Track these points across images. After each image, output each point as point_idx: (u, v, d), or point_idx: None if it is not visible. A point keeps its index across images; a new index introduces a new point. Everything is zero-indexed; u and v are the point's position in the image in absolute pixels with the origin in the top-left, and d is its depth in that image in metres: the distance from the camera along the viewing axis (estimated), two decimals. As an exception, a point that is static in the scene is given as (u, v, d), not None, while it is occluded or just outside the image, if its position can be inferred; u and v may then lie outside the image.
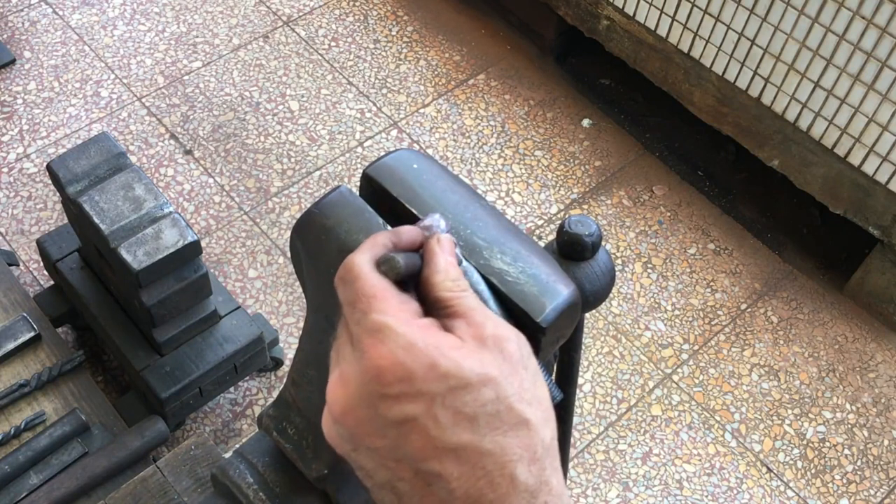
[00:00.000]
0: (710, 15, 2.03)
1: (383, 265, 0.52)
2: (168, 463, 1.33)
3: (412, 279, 0.53)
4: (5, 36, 2.50)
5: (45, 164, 2.25)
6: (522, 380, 0.49)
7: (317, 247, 0.63)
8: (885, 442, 1.96)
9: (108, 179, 1.58)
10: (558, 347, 0.67)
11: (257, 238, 2.16)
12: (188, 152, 2.31)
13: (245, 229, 2.17)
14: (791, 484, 1.89)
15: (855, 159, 1.94)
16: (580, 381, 1.95)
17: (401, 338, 0.47)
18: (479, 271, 0.59)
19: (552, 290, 0.60)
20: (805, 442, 1.95)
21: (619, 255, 2.20)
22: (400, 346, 0.47)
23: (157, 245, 1.52)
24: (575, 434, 1.94)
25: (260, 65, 2.50)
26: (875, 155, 1.90)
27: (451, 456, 0.46)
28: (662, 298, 2.14)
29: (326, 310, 0.63)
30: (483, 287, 0.59)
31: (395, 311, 0.49)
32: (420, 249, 0.55)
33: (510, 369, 0.48)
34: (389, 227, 0.61)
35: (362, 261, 0.51)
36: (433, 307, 0.52)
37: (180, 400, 1.67)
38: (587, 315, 1.49)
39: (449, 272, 0.53)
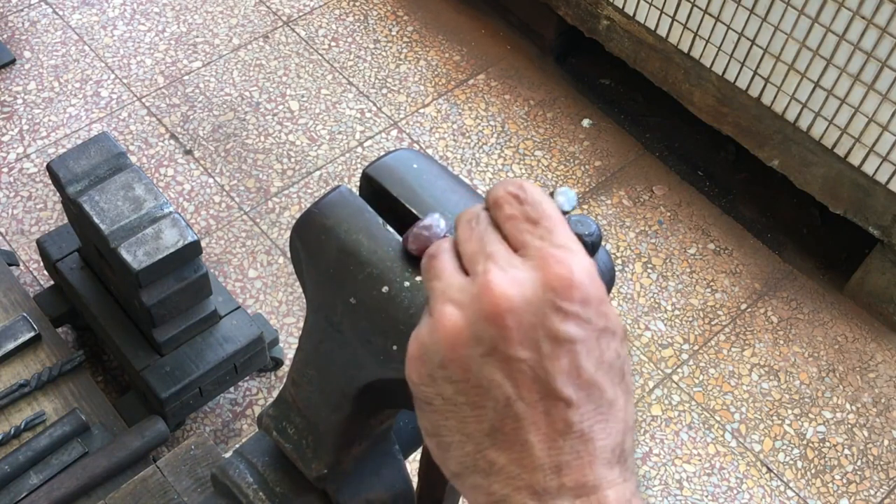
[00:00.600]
0: (710, 15, 2.03)
1: (559, 196, 0.52)
2: (168, 463, 1.33)
3: None
4: (5, 36, 2.50)
5: (45, 164, 2.25)
6: (626, 352, 0.50)
7: (317, 247, 0.63)
8: (885, 442, 1.96)
9: (108, 179, 1.58)
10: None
11: (257, 238, 2.16)
12: (188, 152, 2.31)
13: (245, 229, 2.17)
14: (791, 484, 1.89)
15: (855, 159, 1.94)
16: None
17: (589, 266, 0.47)
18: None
19: (552, 289, 0.59)
20: (805, 442, 1.95)
21: (619, 255, 2.20)
22: (586, 270, 0.47)
23: (157, 245, 1.52)
24: (575, 434, 1.94)
25: (260, 65, 2.50)
26: (875, 155, 1.90)
27: (585, 390, 0.46)
28: (662, 298, 2.14)
29: (326, 310, 0.63)
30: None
31: (576, 241, 0.49)
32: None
33: (622, 338, 0.50)
34: (390, 227, 0.61)
35: (538, 189, 0.51)
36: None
37: (180, 400, 1.67)
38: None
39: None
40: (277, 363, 1.93)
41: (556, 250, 0.47)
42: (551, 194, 0.55)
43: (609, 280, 0.73)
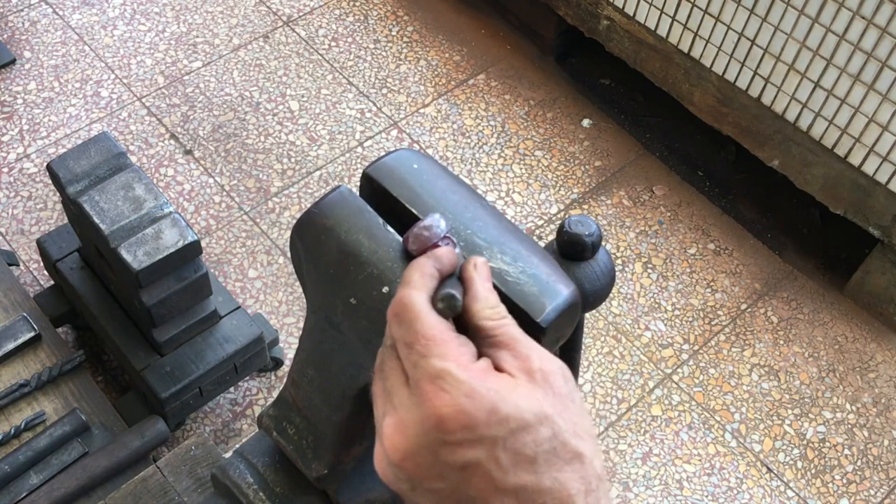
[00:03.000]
0: (711, 15, 2.03)
1: (441, 303, 0.51)
2: (168, 463, 1.33)
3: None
4: (5, 36, 2.50)
5: (45, 164, 2.25)
6: (572, 413, 0.49)
7: (317, 247, 0.63)
8: (885, 442, 1.96)
9: (108, 179, 1.58)
10: (558, 347, 0.67)
11: (257, 238, 2.16)
12: (188, 152, 2.31)
13: (245, 229, 2.17)
14: (791, 484, 1.89)
15: (855, 159, 1.94)
16: (580, 381, 1.95)
17: (463, 385, 0.47)
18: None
19: (552, 290, 0.60)
20: (805, 442, 1.95)
21: (619, 255, 2.20)
22: (462, 394, 0.47)
23: (157, 245, 1.52)
24: (575, 434, 1.94)
25: (260, 65, 2.50)
26: (875, 155, 1.90)
27: (511, 496, 0.47)
28: (662, 298, 2.14)
29: (326, 310, 0.63)
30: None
31: (455, 355, 0.48)
32: (456, 273, 0.55)
33: (561, 404, 0.49)
34: (390, 228, 0.61)
35: (420, 299, 0.50)
36: (474, 335, 0.52)
37: (180, 400, 1.67)
38: (587, 315, 1.49)
39: (489, 299, 0.53)
40: (277, 363, 1.93)
41: (429, 383, 0.47)
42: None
43: (609, 280, 0.73)
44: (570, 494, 0.47)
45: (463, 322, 0.52)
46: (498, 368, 0.50)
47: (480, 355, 0.51)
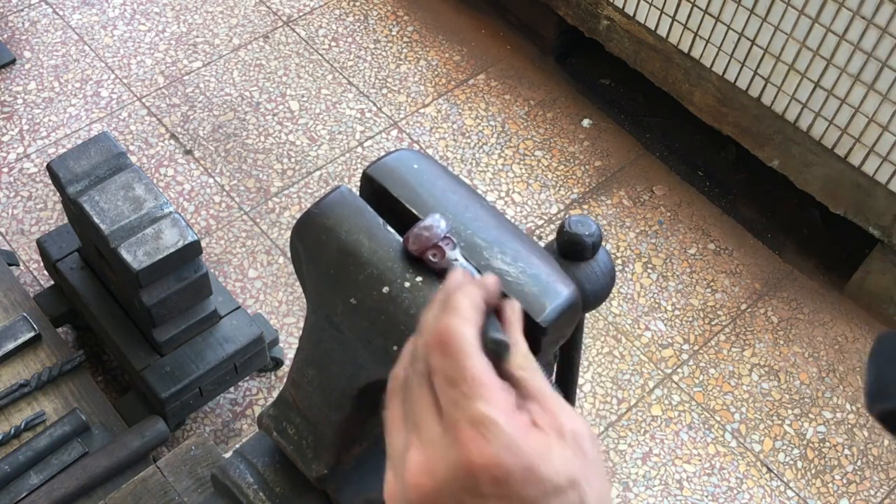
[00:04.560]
0: (711, 15, 2.03)
1: (491, 344, 0.49)
2: (168, 463, 1.33)
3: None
4: (5, 36, 2.50)
5: (45, 164, 2.25)
6: (599, 480, 0.48)
7: (317, 247, 0.63)
8: (885, 442, 1.96)
9: (108, 179, 1.58)
10: (558, 347, 0.67)
11: (257, 238, 2.16)
12: (188, 152, 2.31)
13: (245, 229, 2.17)
14: (791, 484, 1.89)
15: (855, 159, 1.94)
16: (580, 381, 1.95)
17: (505, 437, 0.45)
18: (479, 271, 0.59)
19: (552, 290, 0.60)
20: (805, 442, 1.95)
21: (619, 255, 2.20)
22: (504, 446, 0.45)
23: (157, 245, 1.52)
24: (575, 434, 1.93)
25: (260, 65, 2.50)
26: (875, 155, 1.90)
27: None
28: (662, 298, 2.14)
29: (326, 310, 0.63)
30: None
31: (501, 403, 0.46)
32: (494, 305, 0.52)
33: (589, 470, 0.47)
34: (390, 228, 0.61)
35: (469, 335, 0.47)
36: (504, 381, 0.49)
37: (180, 400, 1.67)
38: (587, 315, 1.49)
39: (521, 347, 0.51)
40: (277, 363, 1.93)
41: (469, 428, 0.45)
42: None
43: (609, 280, 0.73)
44: None
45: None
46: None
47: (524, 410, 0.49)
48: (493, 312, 0.52)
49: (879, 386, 0.56)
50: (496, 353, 0.49)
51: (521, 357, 0.50)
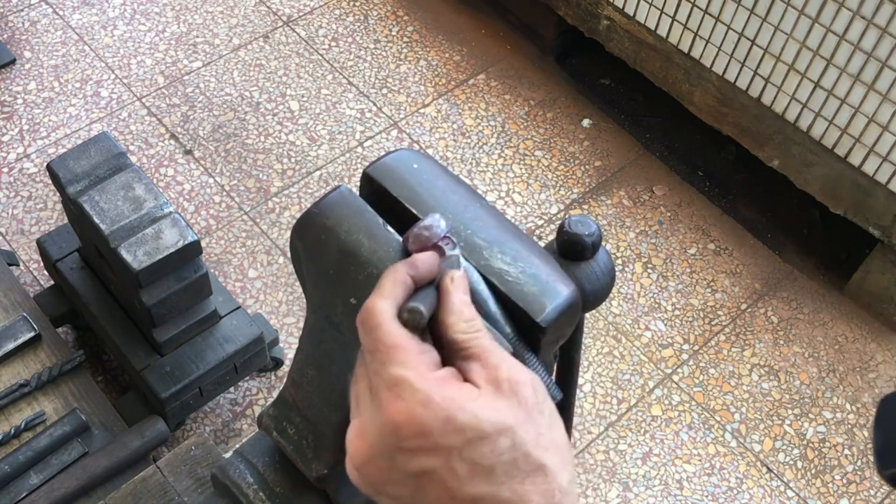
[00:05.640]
0: (711, 15, 2.03)
1: (405, 313, 0.51)
2: (168, 463, 1.33)
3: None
4: (5, 36, 2.50)
5: (45, 164, 2.25)
6: (539, 425, 0.49)
7: (317, 247, 0.63)
8: (886, 442, 1.96)
9: (108, 179, 1.58)
10: (558, 347, 0.67)
11: (257, 238, 2.16)
12: (188, 152, 2.31)
13: (245, 229, 2.17)
14: (791, 484, 1.89)
15: (855, 159, 1.94)
16: (580, 381, 1.95)
17: (418, 393, 0.47)
18: (479, 271, 0.59)
19: (552, 290, 0.60)
20: (805, 442, 1.95)
21: (619, 255, 2.20)
22: (417, 402, 0.47)
23: (158, 245, 1.52)
24: (575, 434, 1.94)
25: (260, 65, 2.50)
26: (875, 155, 1.90)
27: None
28: (662, 298, 2.14)
29: (326, 310, 0.63)
30: (483, 287, 0.59)
31: (414, 363, 0.49)
32: (435, 282, 0.55)
33: (526, 415, 0.48)
34: (390, 228, 0.61)
35: (384, 308, 0.51)
36: (448, 347, 0.52)
37: (180, 400, 1.67)
38: (587, 315, 1.49)
39: (463, 313, 0.53)
40: (277, 363, 1.93)
41: (387, 391, 0.48)
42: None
43: (609, 280, 0.73)
44: (538, 501, 0.47)
45: (437, 334, 0.53)
46: (466, 379, 0.50)
47: (453, 367, 0.51)
48: (436, 286, 0.54)
49: (888, 450, 0.57)
50: (412, 321, 0.51)
51: (463, 322, 0.52)
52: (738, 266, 2.21)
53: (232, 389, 1.93)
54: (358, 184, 0.66)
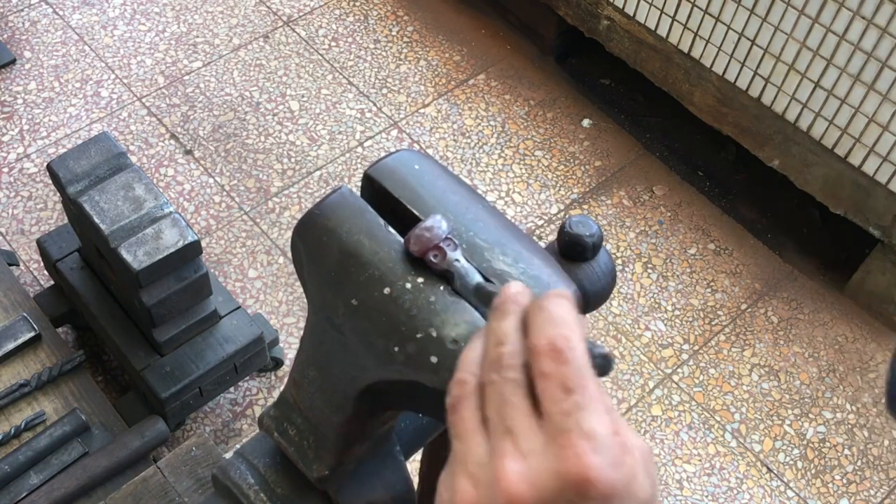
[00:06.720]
0: (711, 15, 2.03)
1: (598, 359, 0.48)
2: (168, 463, 1.33)
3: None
4: (5, 36, 2.50)
5: (45, 164, 2.25)
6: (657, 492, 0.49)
7: (318, 248, 0.63)
8: (886, 442, 1.96)
9: (108, 179, 1.58)
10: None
11: (257, 238, 2.16)
12: (188, 152, 2.30)
13: (245, 229, 2.17)
14: (791, 484, 1.90)
15: (855, 159, 1.94)
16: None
17: (613, 453, 0.45)
18: (480, 272, 0.59)
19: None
20: (805, 442, 1.95)
21: (619, 255, 2.20)
22: (611, 463, 0.45)
23: (158, 245, 1.52)
24: (575, 434, 1.94)
25: (260, 65, 2.50)
26: (875, 155, 1.90)
27: None
28: (662, 298, 2.14)
29: (328, 311, 0.63)
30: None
31: (606, 418, 0.46)
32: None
33: (656, 490, 0.48)
34: (391, 229, 0.61)
35: (583, 348, 0.47)
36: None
37: (180, 400, 1.67)
38: (588, 315, 1.49)
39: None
40: (277, 363, 1.93)
41: (582, 440, 0.45)
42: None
43: (610, 281, 0.73)
44: None
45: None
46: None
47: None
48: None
49: None
50: (602, 370, 0.48)
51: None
52: (738, 266, 2.21)
53: (232, 389, 1.93)
54: (358, 184, 0.66)
